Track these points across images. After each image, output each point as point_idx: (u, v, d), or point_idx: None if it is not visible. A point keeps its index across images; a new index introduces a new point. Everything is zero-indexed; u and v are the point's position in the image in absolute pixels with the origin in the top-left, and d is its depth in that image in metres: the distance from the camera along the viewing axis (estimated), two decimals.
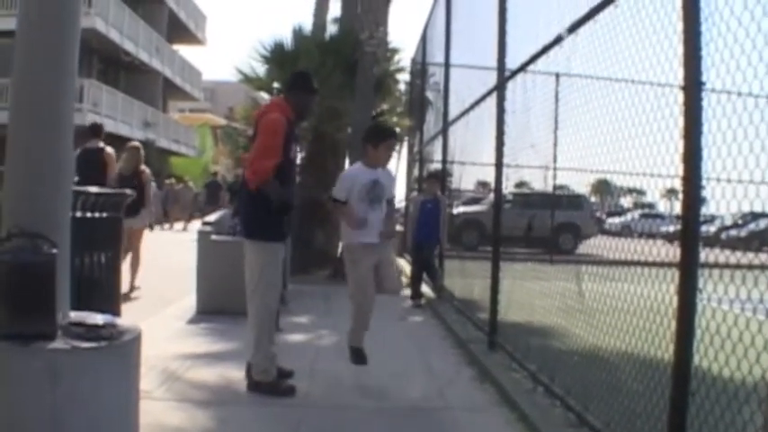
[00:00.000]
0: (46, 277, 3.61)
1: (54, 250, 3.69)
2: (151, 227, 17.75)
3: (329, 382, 6.53)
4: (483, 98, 8.71)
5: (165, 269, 14.95)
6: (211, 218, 11.49)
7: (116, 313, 5.62)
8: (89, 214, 5.58)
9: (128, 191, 6.69)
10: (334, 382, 6.50)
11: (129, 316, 5.33)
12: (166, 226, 32.61)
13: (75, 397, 3.46)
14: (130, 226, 11.11)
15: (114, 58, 36.20)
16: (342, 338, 8.31)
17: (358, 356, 6.59)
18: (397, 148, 19.16)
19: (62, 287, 3.82)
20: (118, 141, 34.11)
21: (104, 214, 5.81)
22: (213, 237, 10.04)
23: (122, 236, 6.46)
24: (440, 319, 10.03)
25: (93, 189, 5.90)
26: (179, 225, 33.46)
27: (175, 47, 44.95)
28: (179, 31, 45.11)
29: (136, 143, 13.41)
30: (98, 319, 3.97)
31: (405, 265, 15.23)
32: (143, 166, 12.57)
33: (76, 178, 9.78)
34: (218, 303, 9.40)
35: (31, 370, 3.43)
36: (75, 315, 3.95)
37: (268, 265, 6.06)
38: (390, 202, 6.75)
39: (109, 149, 12.04)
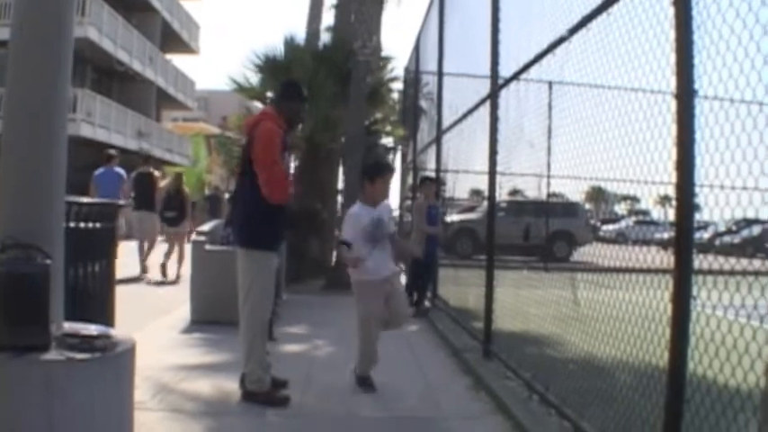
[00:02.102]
0: (40, 288, 3.60)
1: (48, 261, 3.69)
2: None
3: (323, 391, 6.52)
4: (476, 107, 8.73)
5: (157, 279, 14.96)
6: (205, 228, 11.53)
7: (110, 324, 5.61)
8: (83, 224, 5.57)
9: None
10: (328, 392, 6.49)
11: (122, 326, 5.31)
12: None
13: (69, 408, 3.46)
14: (176, 232, 15.75)
15: (108, 68, 36.15)
16: (337, 348, 8.33)
17: (365, 385, 6.63)
18: (391, 156, 19.11)
19: (56, 298, 3.81)
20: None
21: (98, 224, 5.80)
22: (207, 246, 10.03)
23: (117, 246, 6.45)
24: (434, 327, 10.03)
25: (87, 200, 5.88)
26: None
27: (169, 56, 44.92)
28: (172, 41, 45.09)
29: (179, 171, 18.07)
30: (92, 330, 3.97)
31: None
32: (184, 187, 16.36)
33: (133, 194, 15.31)
34: (212, 313, 9.38)
35: (25, 381, 3.43)
36: (69, 326, 3.94)
37: (261, 274, 6.05)
38: (392, 235, 6.87)
39: (156, 173, 16.36)
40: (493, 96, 7.58)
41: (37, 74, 3.91)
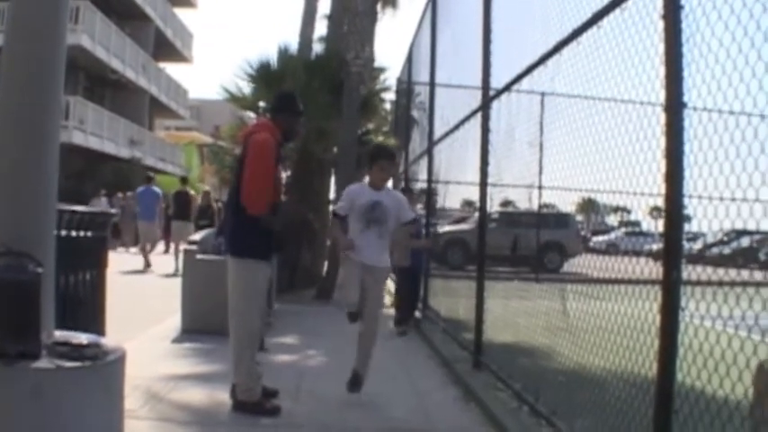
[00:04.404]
0: (31, 296, 3.60)
1: (39, 269, 3.69)
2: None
3: (314, 401, 6.51)
4: (468, 118, 8.75)
5: (150, 289, 14.94)
6: (196, 237, 11.53)
7: (101, 333, 5.61)
8: (74, 233, 5.57)
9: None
10: (319, 402, 6.49)
11: (113, 335, 5.31)
12: (120, 249, 25.68)
13: (58, 416, 3.46)
14: None
15: (101, 76, 36.15)
16: (328, 359, 8.32)
17: (352, 380, 6.57)
18: None
19: (47, 306, 3.81)
20: (103, 159, 34.04)
21: (89, 233, 5.80)
22: (198, 256, 10.02)
23: (108, 255, 6.44)
24: (425, 338, 10.03)
25: (80, 208, 5.89)
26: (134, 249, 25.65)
27: (162, 65, 44.89)
28: (166, 49, 45.09)
29: (208, 188, 23.44)
30: (82, 338, 3.97)
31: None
32: (213, 203, 20.87)
33: (171, 210, 21.29)
34: (203, 322, 9.35)
35: (14, 388, 3.43)
36: (59, 334, 3.94)
37: (252, 283, 6.04)
38: (414, 222, 6.86)
39: (192, 192, 21.63)
40: (484, 108, 7.61)
41: (29, 81, 3.92)
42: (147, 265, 19.44)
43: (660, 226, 3.93)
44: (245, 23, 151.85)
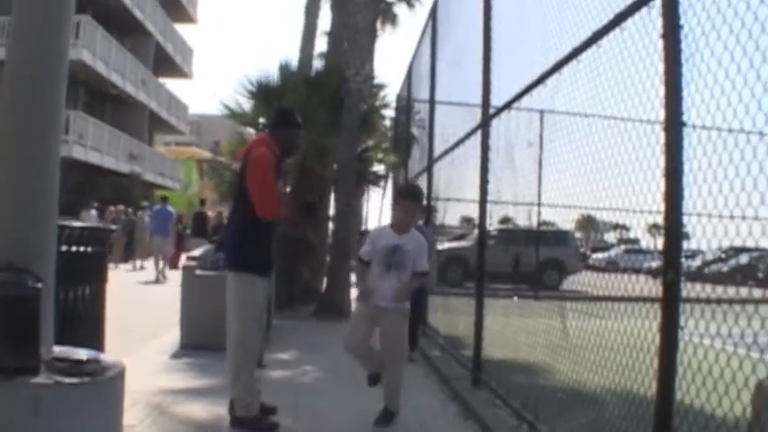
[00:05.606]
0: (31, 312, 3.60)
1: (39, 284, 3.69)
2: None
3: (313, 418, 6.50)
4: (468, 135, 8.77)
5: (148, 304, 14.92)
6: (195, 253, 11.53)
7: (100, 348, 5.60)
8: (74, 248, 5.57)
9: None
10: (317, 419, 6.47)
11: (112, 350, 5.30)
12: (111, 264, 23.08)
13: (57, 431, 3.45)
14: None
15: (101, 91, 36.18)
16: (326, 375, 8.30)
17: (381, 416, 6.42)
18: (382, 184, 18.97)
19: (46, 321, 3.81)
20: (103, 174, 34.02)
21: (89, 248, 5.80)
22: (197, 272, 10.02)
23: (107, 270, 6.43)
24: (424, 355, 10.01)
25: (79, 224, 5.88)
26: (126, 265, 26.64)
27: (162, 80, 44.98)
28: (166, 65, 45.18)
29: (221, 209, 25.53)
30: (82, 354, 3.96)
31: None
32: (224, 221, 19.62)
33: (188, 231, 26.42)
34: (201, 338, 9.35)
35: (13, 404, 3.42)
36: (58, 350, 3.93)
37: (251, 299, 6.04)
38: (421, 275, 6.52)
39: (209, 213, 24.86)
40: (484, 125, 7.62)
41: (31, 94, 3.92)
42: (161, 277, 21.79)
43: (659, 243, 3.93)
44: (245, 39, 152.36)
